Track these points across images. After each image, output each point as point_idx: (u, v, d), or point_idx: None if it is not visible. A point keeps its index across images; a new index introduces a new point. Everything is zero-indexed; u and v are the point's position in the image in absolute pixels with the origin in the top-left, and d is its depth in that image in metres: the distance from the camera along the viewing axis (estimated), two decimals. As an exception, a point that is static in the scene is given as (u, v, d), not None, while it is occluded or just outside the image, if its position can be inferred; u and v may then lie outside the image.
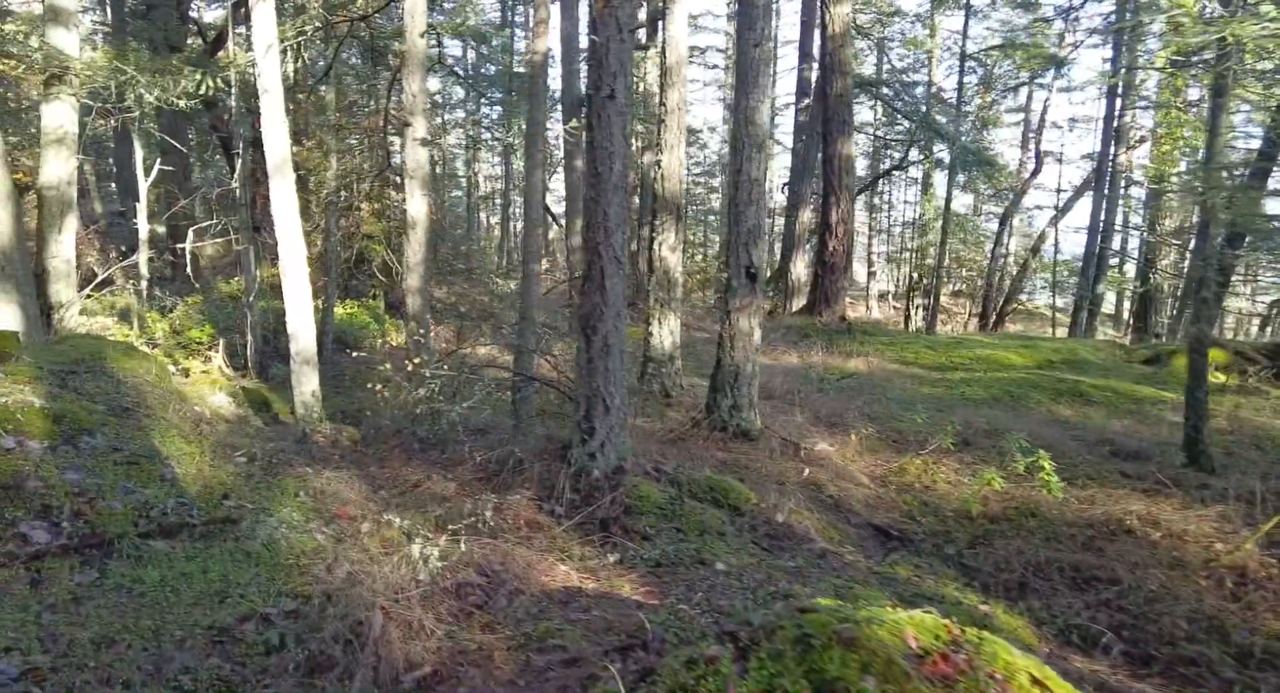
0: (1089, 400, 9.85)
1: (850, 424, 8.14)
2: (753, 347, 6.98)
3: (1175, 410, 9.62)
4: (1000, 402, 9.86)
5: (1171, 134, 22.94)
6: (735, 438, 6.87)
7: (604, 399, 4.81)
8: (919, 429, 8.19)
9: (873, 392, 10.09)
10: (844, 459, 6.79)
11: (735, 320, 6.87)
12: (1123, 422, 9.05)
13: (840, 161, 13.89)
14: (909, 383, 10.94)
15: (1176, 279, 25.83)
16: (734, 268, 6.83)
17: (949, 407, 9.67)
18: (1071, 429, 8.56)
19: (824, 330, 13.99)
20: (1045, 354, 12.44)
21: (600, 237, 4.62)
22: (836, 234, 13.99)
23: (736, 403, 6.96)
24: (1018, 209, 25.50)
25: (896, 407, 9.38)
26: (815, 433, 7.45)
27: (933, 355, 12.71)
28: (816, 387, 9.97)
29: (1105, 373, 11.44)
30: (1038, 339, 14.51)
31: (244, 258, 10.41)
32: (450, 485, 5.01)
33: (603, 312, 4.69)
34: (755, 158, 6.73)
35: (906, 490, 6.13)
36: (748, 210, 6.75)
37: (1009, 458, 6.81)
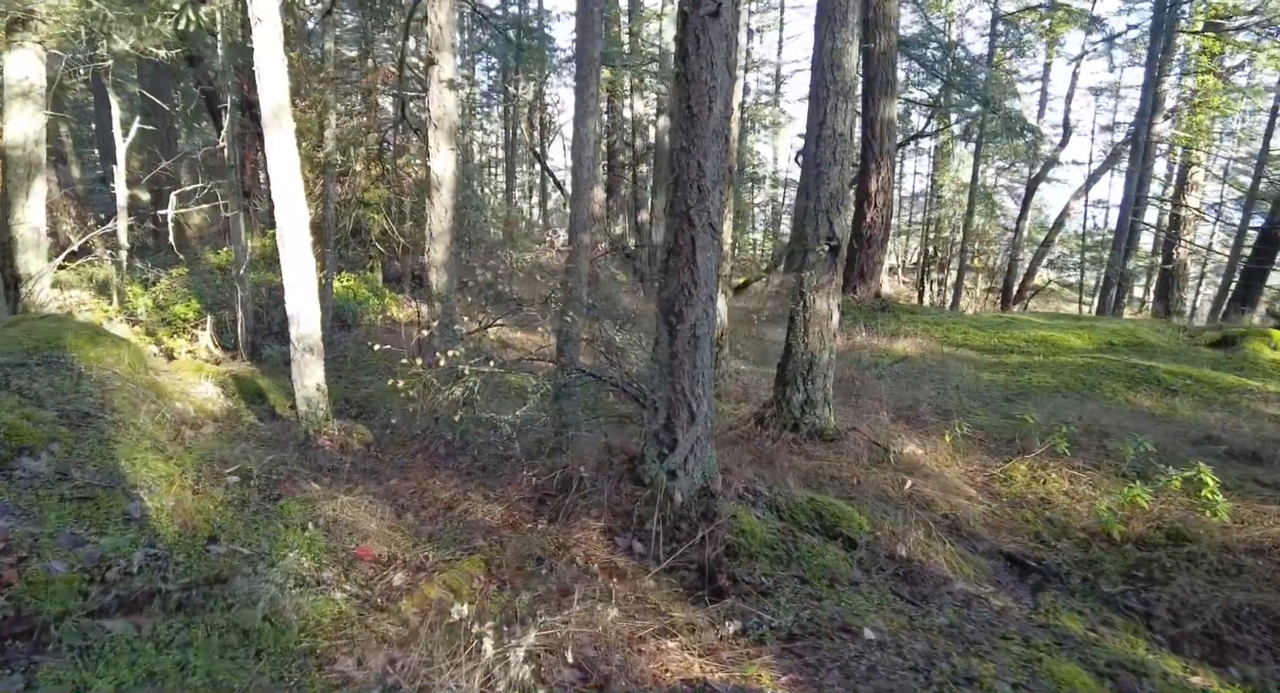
0: (1169, 389, 8.91)
1: (925, 418, 7.19)
2: (830, 332, 5.99)
3: (1267, 401, 8.70)
4: (1073, 390, 8.92)
5: (1208, 102, 21.91)
6: (809, 439, 5.91)
7: (689, 404, 3.82)
8: (1003, 426, 7.25)
9: (933, 379, 9.13)
10: (937, 464, 5.84)
11: (811, 301, 5.87)
12: (1215, 414, 8.12)
13: (882, 125, 12.79)
14: (966, 368, 9.98)
15: (1203, 255, 24.91)
16: (812, 238, 5.81)
17: (1019, 396, 8.73)
18: (1163, 423, 7.62)
19: (860, 308, 13.00)
20: (1104, 336, 11.48)
21: (692, 198, 3.60)
22: (876, 204, 12.94)
23: (810, 398, 5.99)
24: (1045, 180, 24.38)
25: (966, 397, 8.43)
26: (894, 430, 6.49)
27: (982, 337, 11.74)
28: (872, 373, 9.00)
29: (1174, 357, 10.49)
30: (1093, 320, 13.54)
31: (233, 226, 9.33)
32: (495, 509, 4.03)
33: (692, 293, 3.68)
34: (841, 108, 5.68)
35: (1021, 504, 5.18)
36: (831, 171, 5.72)
37: (1123, 461, 5.88)
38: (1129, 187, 19.79)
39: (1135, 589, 4.09)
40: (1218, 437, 7.04)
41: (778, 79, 34.44)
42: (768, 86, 34.54)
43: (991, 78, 16.99)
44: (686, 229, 3.63)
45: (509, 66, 22.27)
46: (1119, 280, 20.59)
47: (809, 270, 5.85)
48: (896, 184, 30.63)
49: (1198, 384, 9.04)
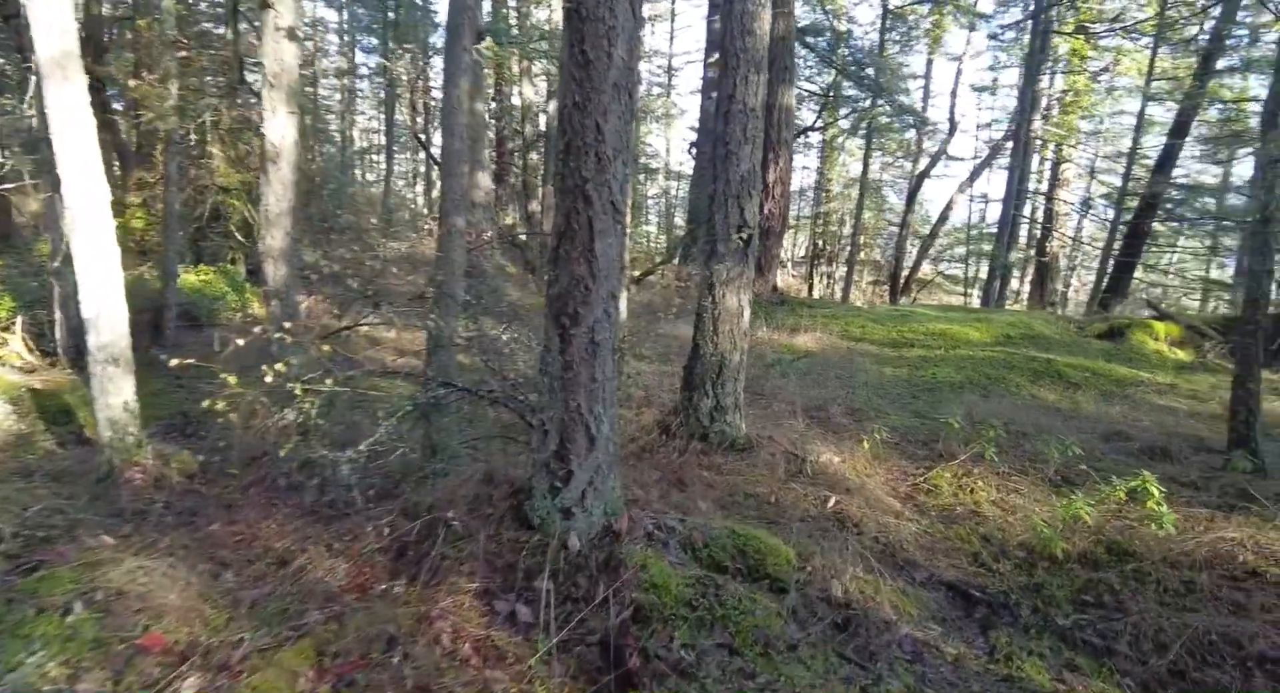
0: (1070, 383, 8.86)
1: (837, 420, 6.73)
2: (742, 331, 5.38)
3: (1160, 393, 8.76)
4: (978, 385, 8.73)
5: (1078, 101, 22.87)
6: (720, 449, 5.29)
7: (587, 426, 3.08)
8: (916, 427, 6.88)
9: (838, 376, 8.74)
10: (857, 473, 5.33)
11: (721, 296, 5.24)
12: (1117, 408, 8.06)
13: (781, 113, 12.40)
14: (869, 363, 9.68)
15: (1074, 248, 26.15)
16: (722, 227, 5.18)
17: (925, 392, 8.45)
18: (1072, 420, 7.47)
19: (759, 303, 12.59)
20: (1000, 328, 11.49)
21: (589, 168, 2.85)
22: (774, 195, 12.55)
23: (720, 403, 5.37)
24: (928, 176, 24.92)
25: (874, 395, 8.06)
26: (808, 435, 5.97)
27: (881, 330, 11.54)
28: (778, 371, 8.52)
29: (1068, 349, 10.56)
30: (987, 312, 13.63)
31: (47, 209, 7.92)
32: (339, 564, 3.18)
33: (589, 289, 2.95)
34: (752, 80, 5.06)
35: (952, 519, 4.72)
36: (741, 151, 5.09)
37: (1048, 465, 5.56)
38: (1010, 181, 20.35)
39: (1090, 620, 3.64)
40: (1126, 433, 6.89)
41: (669, 71, 34.05)
42: (660, 78, 34.15)
43: (883, 68, 16.99)
44: (582, 208, 2.88)
45: (389, 48, 20.85)
46: (1002, 272, 21.23)
47: (719, 263, 5.22)
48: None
49: (1096, 377, 9.02)
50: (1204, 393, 8.72)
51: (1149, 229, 17.77)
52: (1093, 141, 25.32)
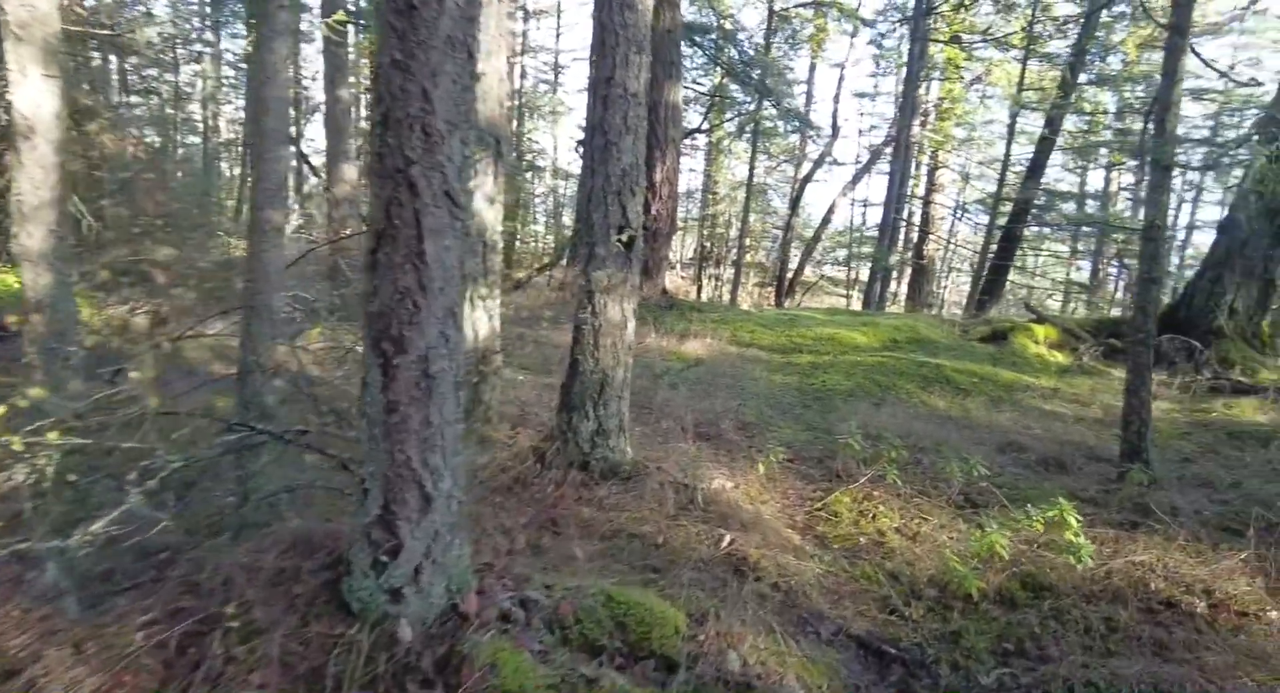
0: (959, 389, 8.76)
1: (728, 437, 6.25)
2: (626, 344, 4.78)
3: (1045, 398, 8.78)
4: (868, 393, 8.48)
5: (953, 109, 23.65)
6: (602, 479, 4.67)
7: (420, 483, 2.40)
8: (809, 441, 6.48)
9: (729, 386, 8.31)
10: (751, 500, 4.83)
11: (602, 306, 4.63)
12: (1006, 414, 7.98)
13: (667, 110, 11.93)
14: (759, 370, 9.32)
15: (949, 251, 27.13)
16: (601, 228, 4.56)
17: (816, 401, 8.13)
18: (965, 429, 7.29)
19: (647, 307, 12.08)
20: (887, 332, 11.42)
21: (414, 147, 2.17)
22: (661, 195, 12.07)
23: (602, 426, 4.75)
24: (811, 180, 25.22)
25: (765, 406, 7.65)
26: (699, 455, 5.44)
27: (770, 335, 11.25)
28: (667, 381, 8.00)
29: (954, 353, 10.56)
30: (873, 315, 13.62)
31: None
32: (88, 677, 2.36)
33: (418, 306, 2.26)
34: (634, 61, 4.46)
35: (856, 553, 4.27)
36: (622, 141, 4.49)
37: (948, 483, 5.24)
38: (890, 186, 20.74)
39: (1015, 673, 3.24)
40: (1021, 443, 6.73)
41: (556, 68, 33.37)
42: (546, 76, 33.44)
43: (769, 69, 16.85)
44: (406, 199, 2.19)
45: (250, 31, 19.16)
46: (882, 275, 21.65)
47: (599, 268, 4.60)
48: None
49: (983, 382, 8.95)
50: (1085, 397, 8.79)
51: (1021, 233, 18.46)
52: (967, 148, 26.31)
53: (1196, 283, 10.92)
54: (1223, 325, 10.55)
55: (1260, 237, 10.44)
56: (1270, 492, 5.63)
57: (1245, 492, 5.54)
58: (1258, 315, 10.74)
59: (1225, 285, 10.58)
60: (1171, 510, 4.97)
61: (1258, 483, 5.86)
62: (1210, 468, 6.31)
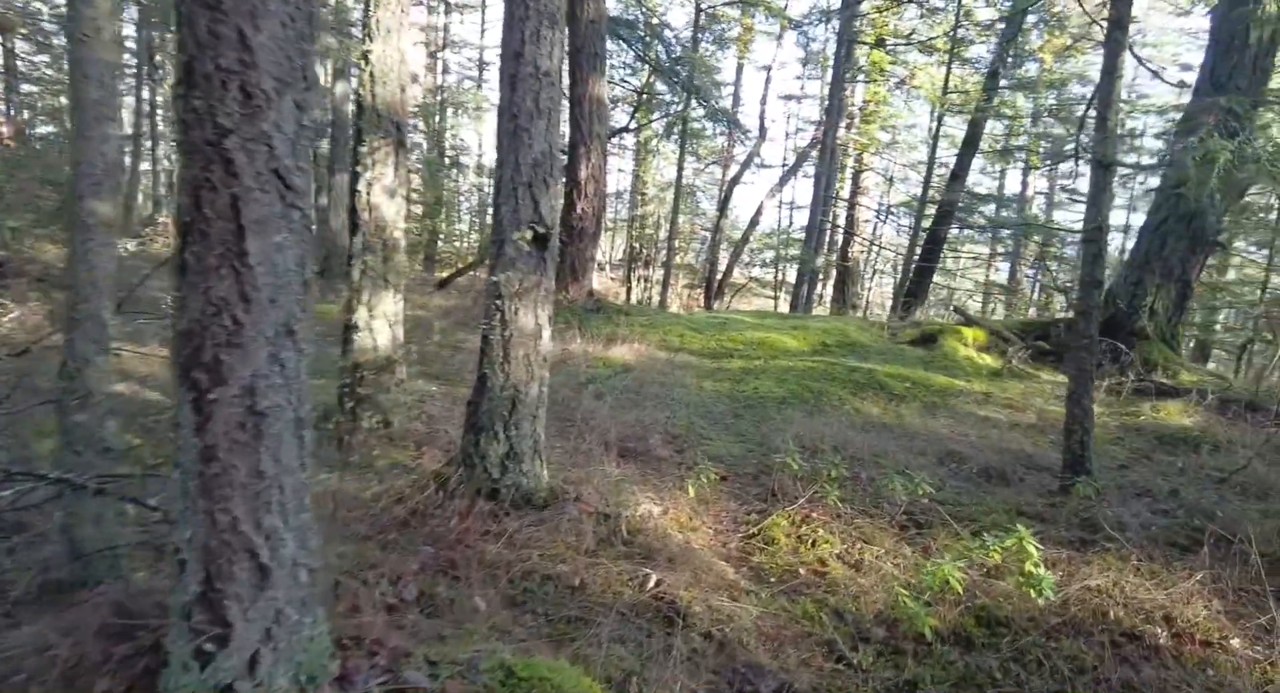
0: (893, 394, 8.52)
1: (657, 453, 5.80)
2: (540, 356, 4.26)
3: (979, 403, 8.62)
4: (802, 400, 8.16)
5: (878, 112, 23.85)
6: (514, 509, 4.14)
7: (252, 550, 1.84)
8: (742, 456, 6.09)
9: (657, 394, 7.86)
10: (681, 527, 4.38)
11: (512, 313, 4.10)
12: (941, 421, 7.75)
13: (592, 104, 11.43)
14: (689, 377, 8.91)
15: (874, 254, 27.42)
16: (510, 224, 4.03)
17: (748, 409, 7.76)
18: (901, 438, 7.01)
19: (573, 310, 11.57)
20: (817, 336, 11.17)
21: (228, 112, 1.62)
22: (586, 193, 11.56)
23: (514, 449, 4.22)
24: (739, 182, 25.10)
25: (696, 416, 7.23)
26: (624, 475, 4.96)
27: (700, 339, 10.87)
28: (591, 391, 7.50)
29: (885, 357, 10.36)
30: (804, 318, 13.37)
31: None
32: None
33: (238, 322, 1.71)
34: (546, 37, 3.95)
35: (796, 588, 3.85)
36: (534, 126, 3.98)
37: (892, 501, 4.90)
38: (817, 188, 20.74)
39: (977, 733, 2.86)
40: (960, 453, 6.47)
41: (481, 64, 32.59)
42: (470, 72, 32.65)
43: (697, 67, 16.54)
44: (221, 181, 1.64)
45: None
46: (809, 277, 21.64)
47: (508, 269, 4.07)
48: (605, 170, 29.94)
49: (917, 387, 8.74)
50: (1018, 401, 8.67)
51: (945, 235, 18.62)
52: (891, 151, 26.61)
53: (1119, 285, 11.00)
54: (1145, 327, 10.65)
55: (1178, 239, 10.57)
56: (1209, 501, 5.49)
57: (1185, 501, 5.38)
58: (1176, 317, 10.88)
59: (1146, 287, 10.68)
60: (1119, 526, 4.73)
61: (1194, 491, 5.71)
62: (1147, 475, 6.16)
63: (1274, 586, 3.99)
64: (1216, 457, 6.57)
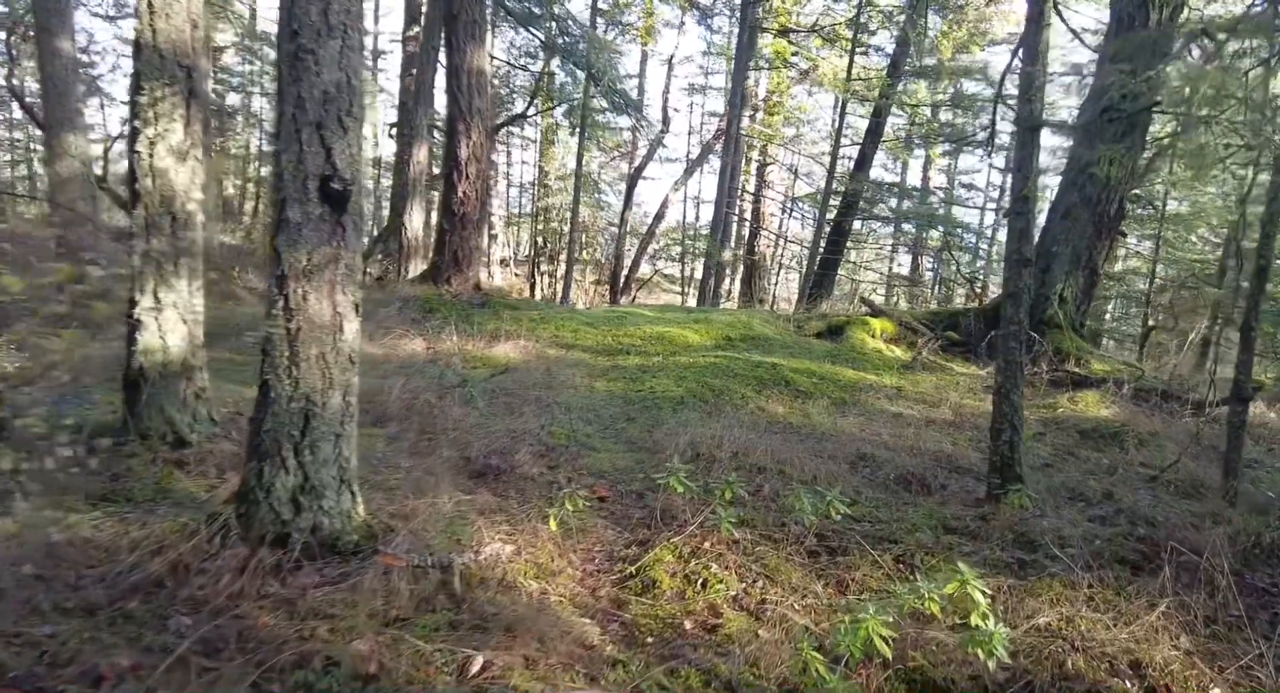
0: (799, 391, 7.80)
1: (524, 469, 4.83)
2: (344, 354, 3.23)
3: (891, 399, 7.99)
4: (701, 400, 7.34)
5: (781, 103, 23.47)
6: (309, 559, 3.11)
7: None
8: (631, 467, 5.20)
9: (540, 398, 6.90)
10: (538, 572, 3.43)
11: (299, 297, 3.07)
12: (851, 419, 7.06)
13: (471, 77, 10.33)
14: (579, 375, 7.98)
15: (780, 246, 27.12)
16: (290, 179, 3.00)
17: (643, 411, 6.90)
18: (809, 440, 6.26)
19: (455, 304, 10.46)
20: (720, 330, 10.42)
21: None
22: (467, 174, 10.46)
23: (311, 480, 3.19)
24: (643, 177, 24.32)
25: (581, 421, 6.31)
26: (474, 504, 3.98)
27: (595, 335, 9.96)
28: (460, 395, 6.46)
29: (790, 351, 9.68)
30: (707, 312, 12.58)
31: None
32: None
33: None
34: (331, -77, 2.93)
35: (678, 647, 2.96)
36: (322, 48, 2.95)
37: (798, 522, 4.08)
38: (722, 179, 20.08)
39: None
40: (873, 456, 5.75)
41: (376, 53, 30.93)
42: (366, 62, 30.88)
43: (596, 45, 15.58)
44: None
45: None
46: (716, 270, 21.00)
47: (293, 242, 3.03)
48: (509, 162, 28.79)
49: (823, 383, 8.05)
50: (931, 395, 8.09)
51: (850, 226, 18.27)
52: (796, 144, 26.33)
53: (1026, 272, 10.65)
54: (1055, 315, 10.33)
55: (1084, 225, 10.29)
56: (1145, 503, 4.92)
57: (1123, 506, 4.79)
58: (1085, 305, 10.62)
59: (1055, 275, 10.36)
60: (1060, 541, 4.05)
61: (1128, 493, 5.16)
62: (1075, 476, 5.60)
63: (1248, 609, 3.36)
64: (1143, 452, 6.08)
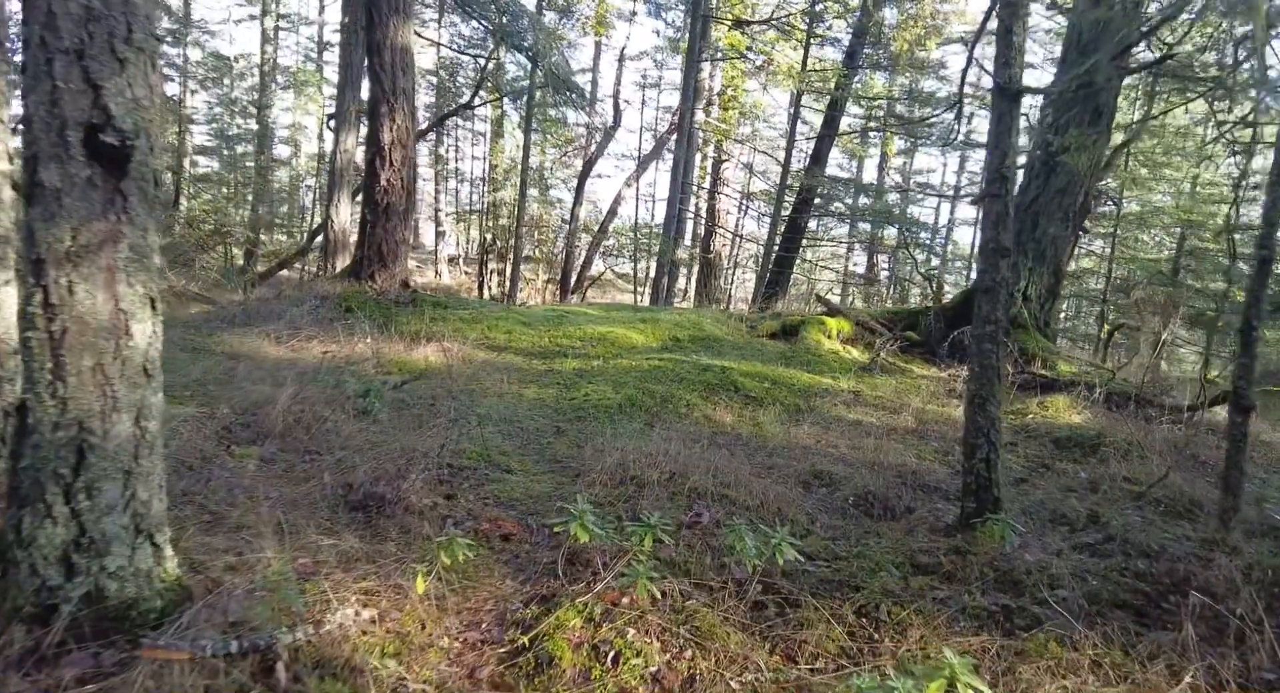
0: (749, 397, 7.12)
1: (412, 499, 4.02)
2: (133, 365, 2.42)
3: (849, 405, 7.36)
4: (641, 408, 6.61)
5: (737, 97, 22.89)
6: (82, 641, 2.31)
7: None
8: (548, 493, 4.45)
9: (456, 408, 6.11)
10: (399, 646, 2.66)
11: (62, 288, 2.26)
12: (806, 428, 6.39)
13: (395, 54, 9.46)
14: (507, 382, 7.21)
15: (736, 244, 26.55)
16: (43, 130, 2.19)
17: (575, 421, 6.16)
18: (758, 454, 5.58)
19: (378, 303, 9.59)
20: (667, 330, 9.72)
21: None
22: (391, 161, 9.59)
23: (88, 533, 2.38)
24: (594, 175, 23.55)
25: (499, 434, 5.55)
26: (338, 550, 3.20)
27: (530, 336, 9.18)
28: (362, 405, 5.63)
29: (742, 353, 9.02)
30: (654, 311, 11.83)
31: None
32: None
33: None
34: None
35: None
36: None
37: (739, 566, 3.37)
38: (675, 174, 19.37)
39: None
40: (829, 473, 5.08)
41: (320, 44, 29.80)
42: (311, 51, 29.86)
43: (542, 31, 14.77)
44: None
45: None
46: (670, 269, 20.29)
47: (49, 217, 2.23)
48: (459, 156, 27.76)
49: (777, 388, 7.38)
50: (891, 401, 7.48)
51: (806, 223, 17.73)
52: (752, 141, 25.78)
53: (987, 270, 10.14)
54: (1019, 315, 9.83)
55: (1049, 219, 9.81)
56: (1135, 527, 4.33)
57: (1112, 532, 4.18)
58: (1049, 304, 10.15)
59: (1019, 272, 9.86)
60: (1049, 581, 3.41)
61: (1116, 515, 4.56)
62: (1054, 493, 4.99)
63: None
64: (1125, 464, 5.51)
